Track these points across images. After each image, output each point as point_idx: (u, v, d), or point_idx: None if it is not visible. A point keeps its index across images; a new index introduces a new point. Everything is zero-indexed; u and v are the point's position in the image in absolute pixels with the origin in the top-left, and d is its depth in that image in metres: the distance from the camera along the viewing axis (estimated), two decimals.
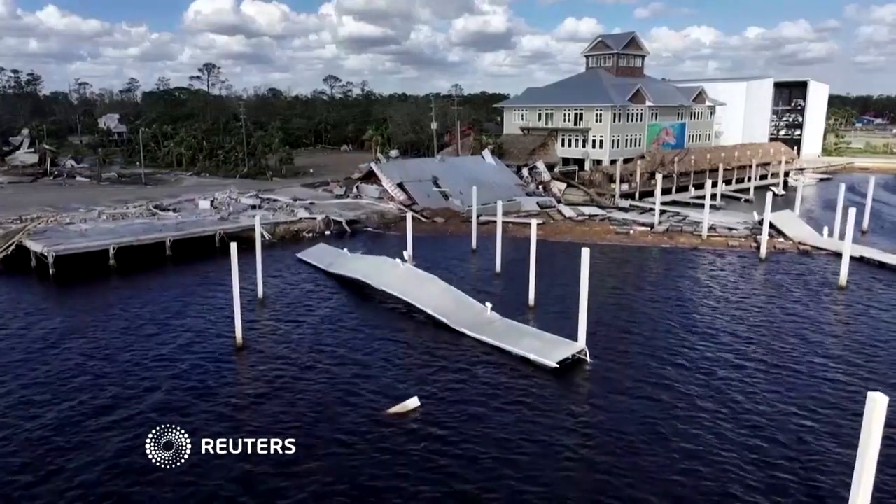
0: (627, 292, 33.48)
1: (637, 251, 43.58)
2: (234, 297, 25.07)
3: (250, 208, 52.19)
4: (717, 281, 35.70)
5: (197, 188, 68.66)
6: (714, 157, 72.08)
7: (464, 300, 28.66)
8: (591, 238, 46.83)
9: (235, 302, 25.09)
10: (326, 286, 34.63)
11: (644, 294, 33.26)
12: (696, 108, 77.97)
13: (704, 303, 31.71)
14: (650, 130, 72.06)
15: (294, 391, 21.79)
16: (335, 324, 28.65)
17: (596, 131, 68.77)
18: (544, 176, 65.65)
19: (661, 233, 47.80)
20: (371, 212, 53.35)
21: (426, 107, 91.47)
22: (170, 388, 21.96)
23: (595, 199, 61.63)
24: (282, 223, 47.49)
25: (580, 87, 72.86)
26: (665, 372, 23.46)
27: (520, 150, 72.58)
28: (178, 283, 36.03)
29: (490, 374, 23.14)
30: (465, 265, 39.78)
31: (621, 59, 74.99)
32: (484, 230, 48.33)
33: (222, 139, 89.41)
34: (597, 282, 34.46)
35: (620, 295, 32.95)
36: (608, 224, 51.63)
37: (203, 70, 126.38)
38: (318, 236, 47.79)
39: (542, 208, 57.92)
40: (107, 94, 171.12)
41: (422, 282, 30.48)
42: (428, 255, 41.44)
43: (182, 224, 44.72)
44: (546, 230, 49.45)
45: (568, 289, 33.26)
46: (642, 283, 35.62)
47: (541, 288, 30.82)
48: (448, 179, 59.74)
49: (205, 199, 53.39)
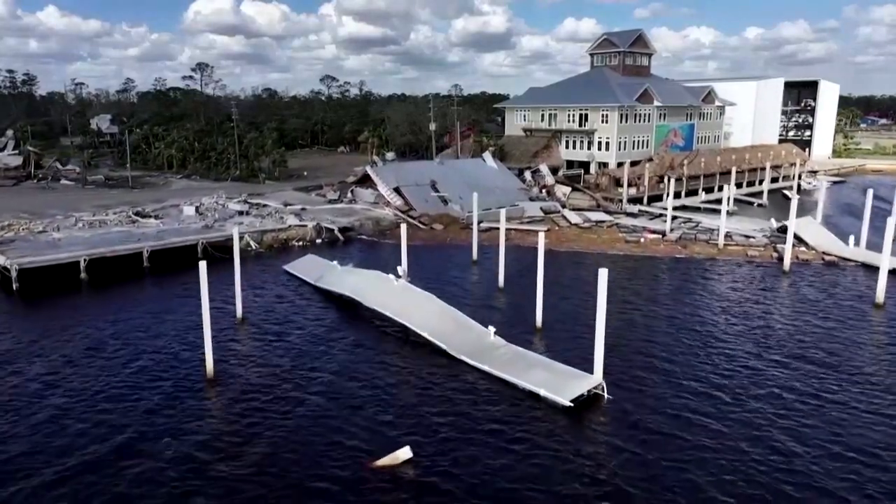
0: (642, 309, 30.57)
1: (649, 261, 40.68)
2: (205, 324, 22.20)
3: (237, 214, 49.30)
4: (739, 296, 32.79)
5: (185, 192, 65.93)
6: (725, 159, 69.23)
7: (464, 322, 25.77)
8: (600, 247, 43.97)
9: (206, 330, 22.21)
10: (314, 303, 31.73)
11: (660, 311, 30.34)
12: (705, 109, 75.10)
13: (728, 322, 28.82)
14: (658, 132, 69.17)
15: (267, 438, 18.84)
16: (321, 349, 25.76)
17: (602, 133, 65.89)
18: (548, 179, 62.77)
19: (674, 241, 44.92)
20: (365, 218, 50.48)
21: (425, 107, 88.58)
22: (125, 430, 19.06)
23: (601, 204, 58.75)
24: (269, 231, 44.60)
25: (585, 87, 69.94)
26: (692, 404, 20.62)
27: (522, 153, 69.73)
28: (155, 298, 33.14)
29: (494, 412, 20.22)
30: (465, 278, 36.88)
31: (627, 58, 72.07)
32: (485, 238, 45.50)
33: (215, 140, 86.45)
34: (608, 297, 31.63)
35: (635, 312, 30.04)
36: (617, 231, 48.76)
37: (196, 69, 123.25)
38: (308, 245, 44.94)
39: (546, 214, 55.05)
40: (103, 95, 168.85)
41: (418, 301, 27.60)
42: (425, 266, 38.59)
43: (163, 232, 41.82)
44: (551, 238, 46.58)
45: (578, 306, 30.44)
46: (657, 298, 32.71)
47: (548, 303, 27.91)
48: (447, 183, 56.88)
49: (190, 205, 50.51)
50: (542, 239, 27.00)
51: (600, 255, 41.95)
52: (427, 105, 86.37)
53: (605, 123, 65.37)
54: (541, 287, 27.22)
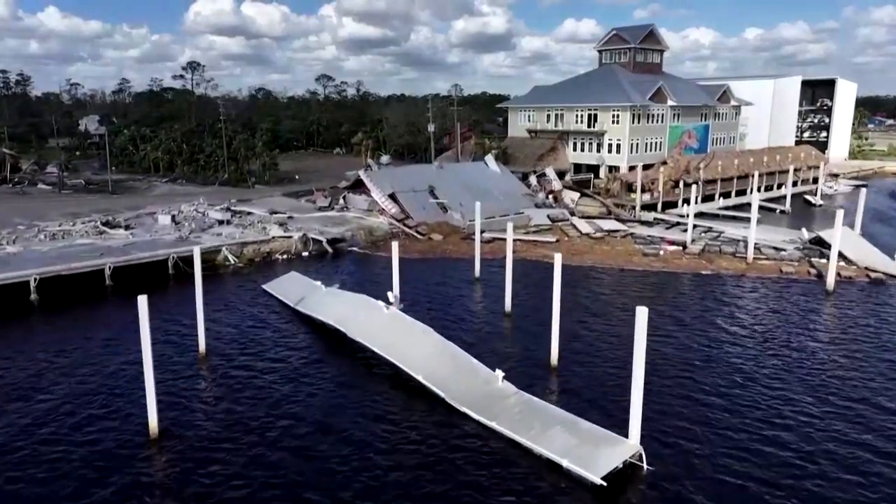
0: (673, 340, 26.36)
1: (671, 279, 36.47)
2: (146, 372, 18.01)
3: (217, 224, 45.12)
4: (780, 323, 28.57)
5: (167, 198, 61.81)
6: (742, 162, 65.02)
7: (466, 363, 21.57)
8: (615, 261, 39.75)
9: (147, 379, 18.02)
10: (293, 331, 27.53)
11: (693, 343, 26.12)
12: (721, 109, 70.89)
13: (773, 355, 24.60)
14: (672, 133, 65.00)
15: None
16: (297, 392, 21.59)
17: (612, 134, 61.68)
18: (555, 184, 58.61)
19: (697, 254, 40.71)
20: (358, 228, 46.29)
21: (423, 107, 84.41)
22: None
23: (613, 212, 54.56)
24: (251, 243, 40.41)
25: (594, 85, 65.69)
26: (754, 471, 16.46)
27: (526, 156, 65.56)
28: (114, 323, 28.87)
29: (503, 491, 16.03)
30: (467, 300, 32.65)
31: (638, 55, 67.87)
32: (488, 249, 41.40)
33: (203, 142, 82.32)
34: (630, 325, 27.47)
35: (665, 344, 25.83)
36: (632, 242, 44.53)
37: (187, 68, 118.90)
38: (293, 259, 40.80)
39: (554, 222, 50.88)
40: (99, 95, 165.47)
41: (411, 334, 23.41)
42: (421, 284, 34.42)
43: (130, 246, 37.63)
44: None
45: (598, 338, 26.25)
46: (688, 325, 28.48)
47: (563, 332, 23.69)
48: (446, 189, 52.70)
49: (166, 214, 46.32)
50: (558, 262, 22.77)
51: (617, 272, 37.77)
52: (426, 105, 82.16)
53: (615, 124, 61.16)
54: (557, 317, 23.02)
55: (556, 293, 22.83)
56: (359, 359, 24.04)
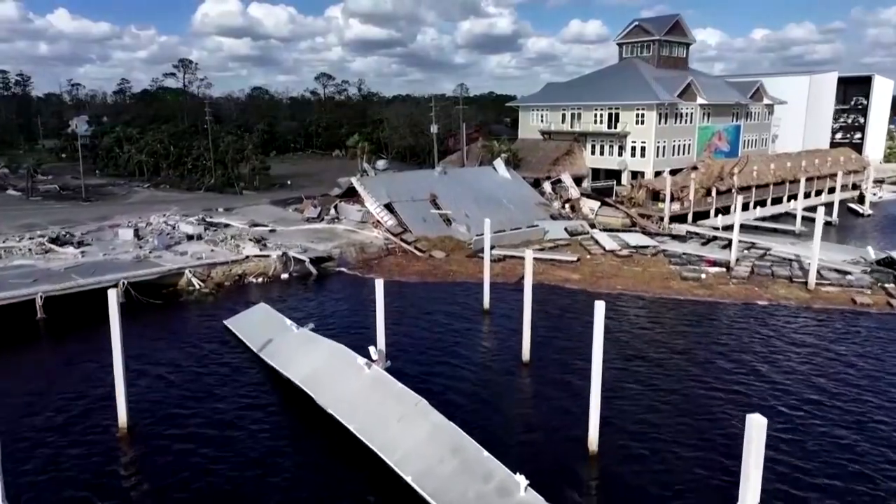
0: (745, 402, 20.20)
1: (722, 311, 30.20)
2: None
3: (186, 239, 39.21)
4: (879, 374, 22.37)
5: (144, 206, 56.25)
6: (779, 167, 58.64)
7: (476, 458, 15.43)
8: (650, 286, 33.54)
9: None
10: (254, 393, 21.49)
11: (771, 412, 19.95)
12: (753, 108, 64.47)
13: (889, 438, 18.45)
14: (701, 134, 58.66)
15: None
16: (246, 492, 15.59)
17: (636, 136, 55.39)
18: (572, 192, 52.41)
19: (745, 278, 34.46)
20: (348, 244, 40.28)
21: (427, 107, 78.37)
22: None
23: (639, 223, 48.34)
24: (220, 264, 34.45)
25: (615, 82, 59.35)
26: None
27: (539, 160, 59.39)
28: (38, 373, 22.99)
29: None
30: (473, 342, 26.49)
31: (663, 48, 61.51)
32: (499, 270, 35.50)
33: (191, 144, 76.63)
34: (674, 382, 21.34)
35: (730, 407, 19.66)
36: (665, 262, 38.30)
37: (178, 66, 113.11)
38: (271, 281, 34.89)
39: (572, 236, 44.75)
40: (99, 96, 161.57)
41: (399, 407, 17.34)
42: (417, 319, 28.37)
43: (72, 270, 31.71)
44: (583, 272, 36.31)
45: (651, 407, 20.00)
46: (753, 386, 22.30)
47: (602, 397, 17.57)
48: (451, 198, 46.64)
49: (128, 227, 40.45)
50: (600, 313, 16.59)
51: (653, 301, 31.58)
52: (429, 105, 76.08)
53: (640, 125, 54.87)
54: (597, 388, 16.89)
55: (595, 357, 16.70)
56: (333, 439, 17.98)
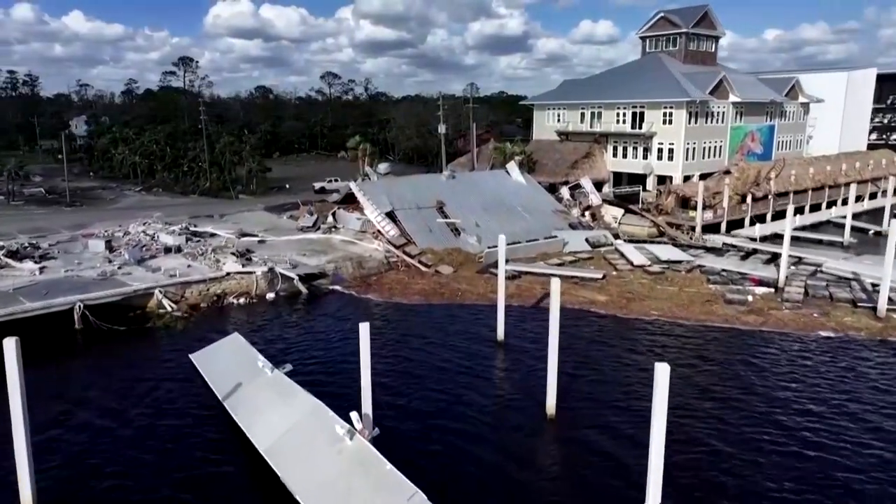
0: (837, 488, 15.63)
1: (777, 343, 25.54)
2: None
3: (163, 252, 35.10)
4: None
5: (130, 211, 52.51)
6: (818, 170, 53.77)
7: None
8: (689, 311, 28.92)
9: None
10: (213, 449, 17.19)
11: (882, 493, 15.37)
12: (788, 106, 59.56)
13: None
14: (733, 135, 53.88)
15: None
16: None
17: (663, 136, 50.69)
18: (592, 199, 47.83)
19: (799, 302, 29.75)
20: (345, 257, 36.00)
21: (435, 107, 74.06)
22: None
23: (668, 234, 43.71)
24: (195, 283, 30.23)
25: (639, 78, 54.66)
26: None
27: (556, 163, 54.92)
28: None
29: None
30: (486, 387, 21.88)
31: (691, 41, 56.78)
32: (514, 290, 31.18)
33: (187, 146, 72.87)
34: (742, 446, 16.80)
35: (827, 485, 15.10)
36: (703, 280, 33.64)
37: (179, 64, 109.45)
38: (255, 302, 30.68)
39: (595, 247, 40.26)
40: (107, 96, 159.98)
41: (385, 497, 12.93)
42: (417, 353, 23.92)
43: (25, 288, 27.62)
44: (611, 292, 31.71)
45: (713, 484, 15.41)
46: (845, 452, 17.72)
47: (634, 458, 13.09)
48: (460, 205, 42.30)
49: (100, 238, 36.42)
50: (664, 380, 12.11)
51: (695, 329, 26.97)
52: (437, 104, 71.74)
53: (668, 125, 50.17)
54: (659, 473, 12.42)
55: (657, 434, 12.24)
56: None
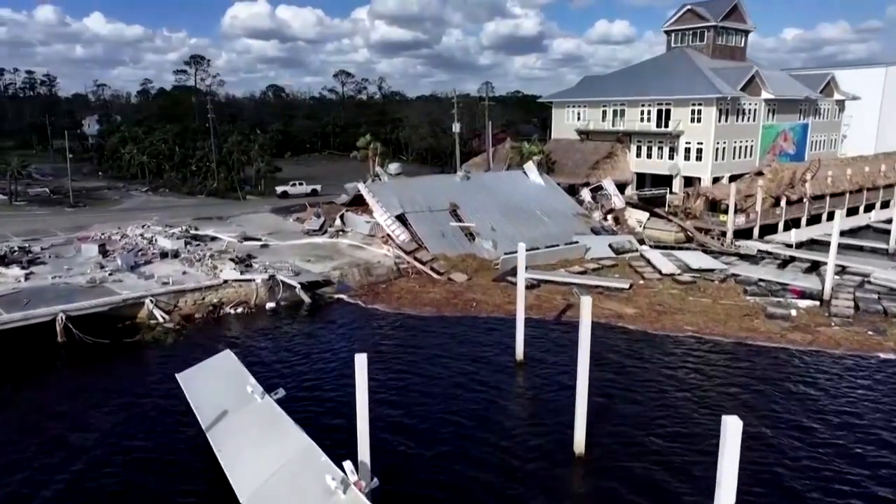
0: None
1: (829, 366, 22.82)
2: None
3: (160, 257, 33.08)
4: None
5: (134, 213, 50.97)
6: (856, 172, 50.63)
7: None
8: (728, 329, 26.20)
9: None
10: (196, 494, 14.95)
11: None
12: (823, 104, 56.39)
13: None
14: (765, 135, 50.88)
15: None
16: None
17: (691, 135, 47.82)
18: (615, 201, 45.15)
19: (849, 318, 26.92)
20: (351, 264, 33.72)
21: (449, 106, 71.71)
22: None
23: (697, 239, 40.92)
24: (190, 291, 28.11)
25: (665, 73, 51.73)
26: None
27: (576, 163, 52.29)
28: None
29: None
30: (503, 419, 19.27)
31: (719, 35, 53.80)
32: (533, 300, 28.81)
33: (196, 145, 71.27)
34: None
35: None
36: (739, 291, 30.87)
37: (190, 63, 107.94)
38: (252, 312, 28.52)
39: (619, 254, 37.65)
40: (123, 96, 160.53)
41: None
42: (425, 376, 21.51)
43: (6, 297, 25.65)
44: (639, 304, 29.09)
45: None
46: None
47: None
48: (474, 208, 39.88)
49: (94, 242, 34.49)
50: (735, 436, 9.59)
51: (734, 349, 24.31)
52: (451, 103, 69.35)
53: (696, 123, 47.31)
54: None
55: (725, 495, 9.73)
56: None
